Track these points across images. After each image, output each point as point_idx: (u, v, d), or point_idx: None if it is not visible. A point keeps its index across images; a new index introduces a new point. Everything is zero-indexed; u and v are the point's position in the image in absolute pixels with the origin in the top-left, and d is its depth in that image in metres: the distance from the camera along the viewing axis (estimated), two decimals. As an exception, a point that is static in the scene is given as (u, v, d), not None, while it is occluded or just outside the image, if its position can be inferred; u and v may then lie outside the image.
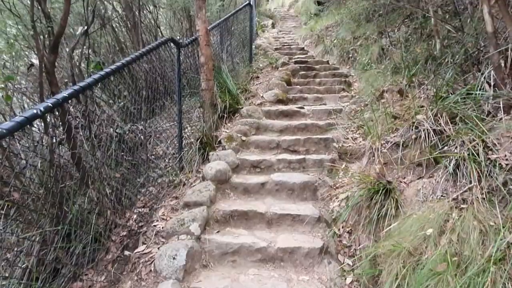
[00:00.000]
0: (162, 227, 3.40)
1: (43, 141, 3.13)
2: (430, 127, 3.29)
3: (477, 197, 2.54)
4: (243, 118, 5.47)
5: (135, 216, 3.63)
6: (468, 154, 2.77)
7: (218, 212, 3.56)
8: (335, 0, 11.67)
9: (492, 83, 3.34)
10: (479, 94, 3.30)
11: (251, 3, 9.19)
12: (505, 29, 3.61)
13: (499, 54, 3.29)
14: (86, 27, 3.93)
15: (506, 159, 2.64)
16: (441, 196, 2.81)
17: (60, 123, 3.31)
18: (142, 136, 4.82)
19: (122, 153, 4.28)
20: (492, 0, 3.39)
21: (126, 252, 3.17)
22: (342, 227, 3.30)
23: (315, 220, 3.38)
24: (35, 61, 5.18)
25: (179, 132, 4.56)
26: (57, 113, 2.97)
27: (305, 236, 3.25)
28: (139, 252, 3.17)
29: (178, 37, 8.44)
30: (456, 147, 2.96)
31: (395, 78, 5.24)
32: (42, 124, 3.11)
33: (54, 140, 3.00)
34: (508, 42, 3.33)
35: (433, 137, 3.22)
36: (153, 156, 4.85)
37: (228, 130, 5.16)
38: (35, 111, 1.98)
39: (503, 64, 3.33)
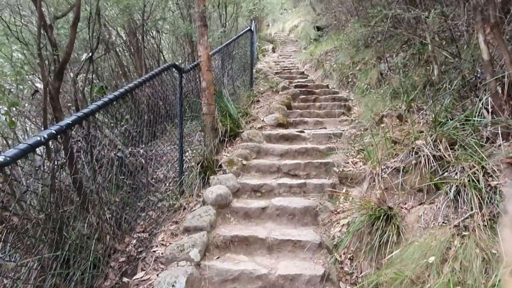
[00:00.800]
0: (162, 253, 3.36)
1: (45, 165, 3.15)
2: (430, 152, 3.31)
3: (479, 224, 2.53)
4: (244, 142, 5.50)
5: (134, 241, 3.60)
6: (469, 181, 2.78)
7: (218, 238, 3.53)
8: (334, 26, 11.92)
9: (490, 110, 3.38)
10: (477, 120, 3.33)
11: (252, 28, 9.40)
12: (501, 56, 3.68)
13: (496, 81, 3.34)
14: (90, 54, 4.02)
15: (507, 186, 2.65)
16: (443, 222, 2.80)
17: (62, 147, 3.34)
18: (143, 160, 4.83)
19: (123, 177, 4.28)
20: (487, 28, 3.48)
21: (125, 279, 3.13)
22: (344, 254, 3.26)
23: (316, 246, 3.34)
24: (39, 85, 5.27)
25: (180, 156, 4.59)
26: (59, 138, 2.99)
27: (306, 263, 3.21)
28: (137, 278, 3.12)
29: (180, 61, 8.60)
30: (456, 173, 2.97)
31: (394, 103, 5.30)
32: (44, 148, 3.12)
33: (55, 164, 3.01)
34: (505, 70, 3.39)
35: (433, 162, 3.23)
36: (153, 180, 4.85)
37: (229, 154, 5.18)
38: (39, 138, 2.00)
39: (500, 91, 3.38)
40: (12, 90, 5.16)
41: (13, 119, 4.37)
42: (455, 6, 5.46)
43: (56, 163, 3.03)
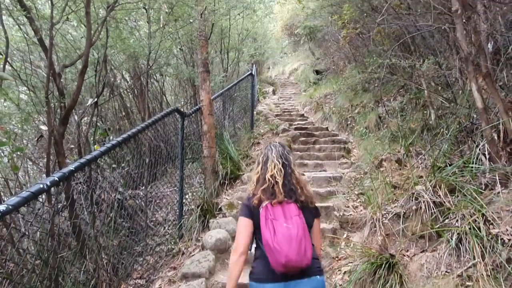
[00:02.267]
0: (158, 302, 3.27)
1: (44, 209, 3.14)
2: (430, 198, 3.31)
3: (482, 274, 2.48)
4: (244, 184, 5.50)
5: (130, 288, 3.52)
6: (470, 228, 2.77)
7: (217, 285, 3.44)
8: (332, 70, 12.29)
9: (487, 156, 3.42)
10: (475, 167, 3.35)
11: (253, 72, 9.70)
12: (495, 103, 3.78)
13: (491, 128, 3.41)
14: (96, 99, 4.14)
15: (508, 234, 2.63)
16: (446, 272, 2.75)
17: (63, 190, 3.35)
18: (142, 202, 4.82)
19: (121, 220, 4.25)
20: (480, 78, 3.61)
21: (120, 329, 3.02)
22: (346, 304, 3.17)
23: (317, 295, 3.25)
24: (44, 127, 5.36)
25: (180, 199, 4.57)
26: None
27: (307, 313, 3.10)
28: (133, 329, 3.02)
29: (182, 103, 8.79)
30: (457, 220, 2.96)
31: (392, 147, 5.35)
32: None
33: (55, 210, 3.01)
34: (499, 117, 3.47)
35: (433, 209, 3.23)
36: (152, 223, 4.80)
37: (229, 197, 5.17)
38: (41, 185, 2.03)
39: (496, 138, 3.44)
40: (16, 130, 5.25)
41: (15, 159, 4.42)
42: (449, 53, 5.68)
43: (56, 208, 3.03)
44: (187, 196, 4.98)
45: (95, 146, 4.77)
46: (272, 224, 1.89)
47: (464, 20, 3.58)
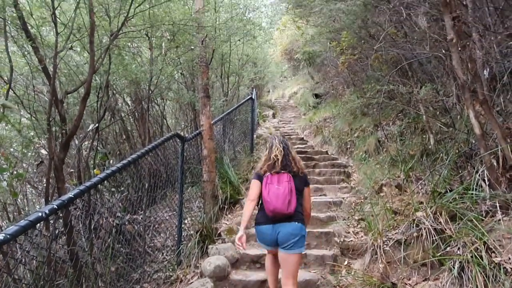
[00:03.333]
0: (155, 332, 3.19)
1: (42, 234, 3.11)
2: (431, 225, 3.28)
3: (486, 305, 2.44)
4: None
5: (127, 318, 3.44)
6: (472, 257, 2.73)
7: (215, 314, 3.37)
8: (331, 94, 12.43)
9: (487, 182, 3.41)
10: (475, 193, 3.34)
11: (253, 97, 9.80)
12: (493, 129, 3.79)
13: (490, 154, 3.41)
14: (97, 124, 4.18)
15: (511, 263, 2.60)
16: (449, 302, 2.70)
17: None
18: (141, 228, 4.77)
19: (119, 245, 4.19)
20: (477, 105, 3.65)
21: None
22: (347, 334, 3.10)
23: (318, 325, 3.18)
24: (44, 151, 5.37)
25: (179, 224, 4.53)
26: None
27: None
28: None
29: (182, 126, 8.84)
30: (458, 248, 2.92)
31: (392, 172, 5.35)
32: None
33: (53, 237, 2.98)
34: (497, 143, 3.48)
35: (434, 236, 3.20)
36: (150, 249, 4.74)
37: (228, 222, 5.13)
38: (40, 213, 2.02)
39: (495, 164, 3.44)
40: (16, 154, 5.26)
41: (14, 184, 4.41)
42: (446, 79, 5.75)
43: (53, 235, 3.00)
44: (186, 221, 4.93)
45: (95, 170, 4.78)
46: (268, 187, 2.84)
47: (459, 48, 3.65)
